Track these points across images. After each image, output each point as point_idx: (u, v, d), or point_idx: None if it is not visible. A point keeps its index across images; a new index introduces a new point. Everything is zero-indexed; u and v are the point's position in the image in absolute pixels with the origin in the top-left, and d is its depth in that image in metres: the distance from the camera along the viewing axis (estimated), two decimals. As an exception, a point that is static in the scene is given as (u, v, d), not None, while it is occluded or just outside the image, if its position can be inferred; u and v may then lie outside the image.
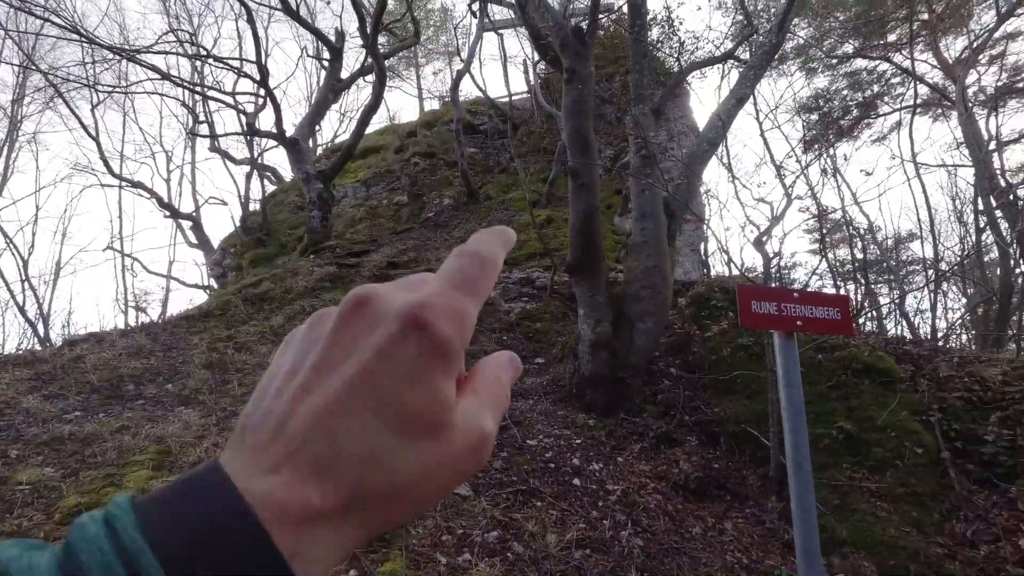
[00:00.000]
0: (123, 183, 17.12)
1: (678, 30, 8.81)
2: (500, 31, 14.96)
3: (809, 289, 3.74)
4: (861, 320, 12.16)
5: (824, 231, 15.20)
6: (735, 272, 13.17)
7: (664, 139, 10.82)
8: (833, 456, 4.26)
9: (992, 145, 12.44)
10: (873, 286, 17.20)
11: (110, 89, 14.07)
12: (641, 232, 5.55)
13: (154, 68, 9.88)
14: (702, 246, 12.75)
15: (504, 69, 15.60)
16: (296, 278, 7.28)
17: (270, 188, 16.20)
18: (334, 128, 38.22)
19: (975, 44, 13.50)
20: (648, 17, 7.53)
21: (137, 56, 9.74)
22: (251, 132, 11.71)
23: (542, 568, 3.31)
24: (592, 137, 5.08)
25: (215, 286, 13.99)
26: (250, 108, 13.94)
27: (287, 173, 17.71)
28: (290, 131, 10.64)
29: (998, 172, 12.78)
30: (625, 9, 8.75)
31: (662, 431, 4.74)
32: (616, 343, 5.10)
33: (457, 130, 11.53)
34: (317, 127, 18.54)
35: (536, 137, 12.58)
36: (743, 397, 4.77)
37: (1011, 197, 12.33)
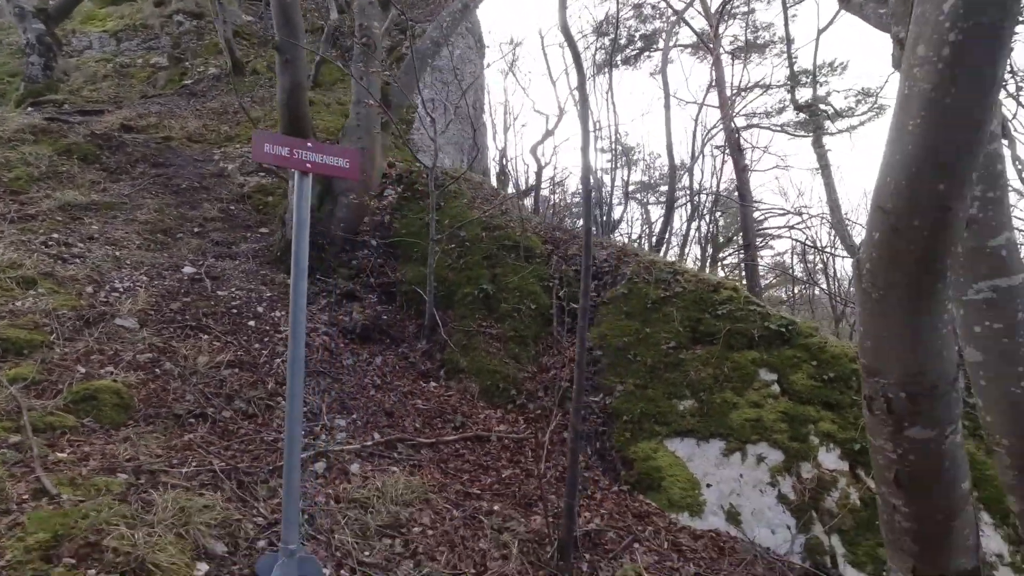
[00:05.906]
0: None
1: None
2: None
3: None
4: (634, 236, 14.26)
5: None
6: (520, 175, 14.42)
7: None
8: (472, 309, 5.43)
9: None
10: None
11: None
12: (356, 116, 6.07)
13: None
14: (491, 146, 13.59)
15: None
16: (-8, 127, 6.60)
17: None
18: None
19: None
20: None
21: None
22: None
23: (188, 382, 3.93)
24: (296, 14, 5.33)
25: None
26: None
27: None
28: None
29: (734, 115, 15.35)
30: None
31: (347, 289, 5.55)
32: (319, 213, 5.70)
33: (222, -9, 10.63)
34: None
35: (312, 14, 12.09)
36: (419, 264, 5.72)
37: (735, 138, 15.05)
